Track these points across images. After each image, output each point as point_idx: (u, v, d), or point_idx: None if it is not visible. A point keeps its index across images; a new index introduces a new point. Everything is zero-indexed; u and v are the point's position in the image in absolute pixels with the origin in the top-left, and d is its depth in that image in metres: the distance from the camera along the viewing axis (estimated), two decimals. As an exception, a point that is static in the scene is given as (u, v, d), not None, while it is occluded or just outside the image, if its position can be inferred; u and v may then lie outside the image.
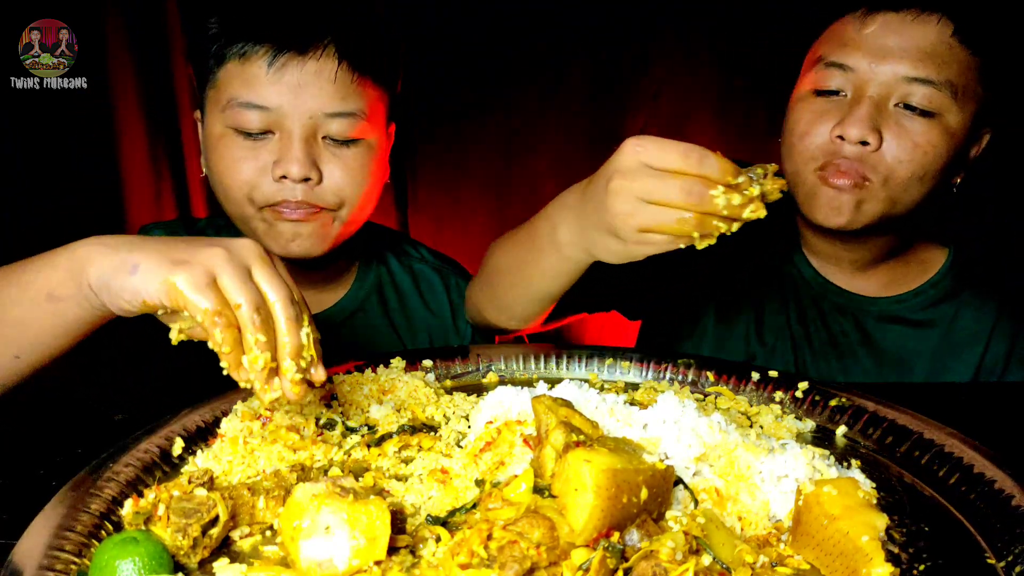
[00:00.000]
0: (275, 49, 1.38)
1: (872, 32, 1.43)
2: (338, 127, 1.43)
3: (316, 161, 1.43)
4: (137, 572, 0.80)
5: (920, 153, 1.42)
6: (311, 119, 1.41)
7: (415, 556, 0.86)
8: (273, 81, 1.39)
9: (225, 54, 1.41)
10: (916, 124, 1.42)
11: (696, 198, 1.00)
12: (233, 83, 1.41)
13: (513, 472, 1.00)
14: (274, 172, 1.42)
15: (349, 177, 1.47)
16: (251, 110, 1.40)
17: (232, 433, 1.10)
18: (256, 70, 1.39)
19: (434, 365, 1.39)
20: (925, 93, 1.40)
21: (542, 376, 1.41)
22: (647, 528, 0.85)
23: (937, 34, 1.40)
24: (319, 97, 1.40)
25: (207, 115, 1.48)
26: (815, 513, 0.90)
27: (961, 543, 0.97)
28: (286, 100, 1.39)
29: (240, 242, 0.97)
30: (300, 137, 1.41)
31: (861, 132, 1.41)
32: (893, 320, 1.66)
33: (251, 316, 0.91)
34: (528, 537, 0.81)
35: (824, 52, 1.49)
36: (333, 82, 1.41)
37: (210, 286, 0.91)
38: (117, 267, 0.95)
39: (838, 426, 1.25)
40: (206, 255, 0.92)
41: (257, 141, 1.42)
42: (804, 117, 1.50)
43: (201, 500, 0.89)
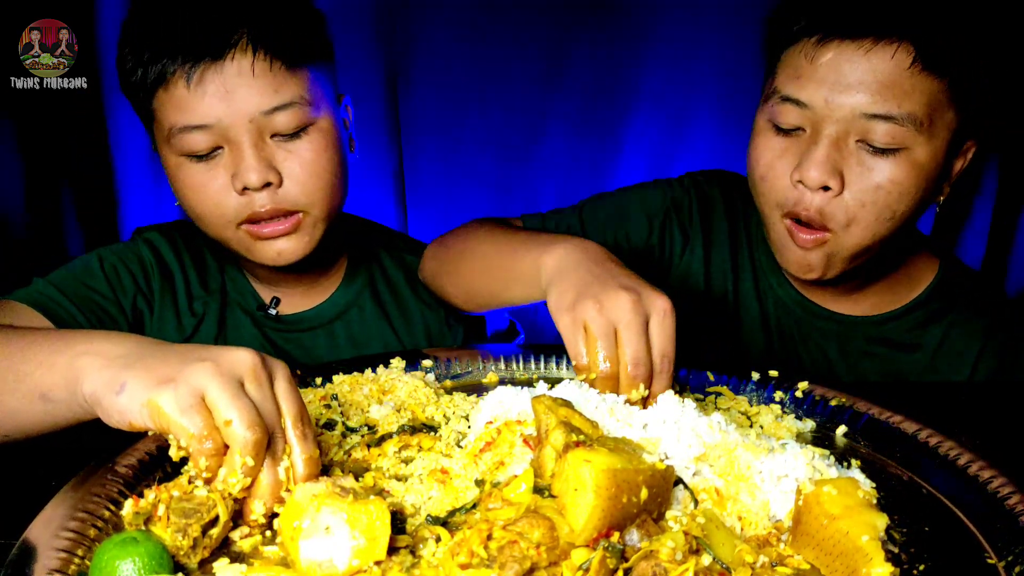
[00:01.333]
0: (188, 62, 1.34)
1: (826, 63, 1.29)
2: (282, 121, 1.39)
3: (271, 162, 1.40)
4: (137, 572, 0.80)
5: (883, 194, 1.31)
6: (251, 122, 1.37)
7: (415, 556, 0.86)
8: (199, 96, 1.34)
9: (148, 84, 1.37)
10: (878, 162, 1.31)
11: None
12: (166, 111, 1.38)
13: (513, 472, 1.00)
14: (235, 185, 1.40)
15: (309, 170, 1.43)
16: (192, 132, 1.36)
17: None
18: (180, 91, 1.35)
19: (434, 365, 1.39)
20: (886, 130, 1.28)
21: (542, 376, 1.41)
22: (647, 528, 0.85)
23: (896, 63, 1.26)
24: (251, 97, 1.36)
25: (160, 150, 1.46)
26: (815, 513, 0.90)
27: (961, 543, 0.97)
28: (219, 110, 1.35)
29: (234, 355, 0.87)
30: (248, 144, 1.37)
31: (820, 177, 1.31)
32: (879, 343, 1.58)
33: (243, 435, 0.83)
34: (528, 537, 0.81)
35: (779, 84, 1.37)
36: (258, 76, 1.36)
37: (196, 406, 0.83)
38: (108, 384, 0.88)
39: (838, 426, 1.25)
40: (194, 371, 0.84)
41: (210, 161, 1.40)
42: (764, 157, 1.41)
43: (201, 500, 0.89)
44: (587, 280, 1.16)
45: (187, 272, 1.65)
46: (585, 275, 1.17)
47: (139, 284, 1.59)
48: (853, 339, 1.58)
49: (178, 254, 1.65)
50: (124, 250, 1.62)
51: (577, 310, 1.12)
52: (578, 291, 1.14)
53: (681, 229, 1.67)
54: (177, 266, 1.64)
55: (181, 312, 1.63)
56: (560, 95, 2.76)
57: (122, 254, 1.61)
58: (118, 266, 1.58)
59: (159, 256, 1.64)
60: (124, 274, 1.58)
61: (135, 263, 1.61)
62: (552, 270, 1.23)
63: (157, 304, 1.61)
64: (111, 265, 1.57)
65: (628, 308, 1.10)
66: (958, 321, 1.56)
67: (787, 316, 1.61)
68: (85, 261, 1.57)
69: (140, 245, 1.64)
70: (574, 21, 2.68)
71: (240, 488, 0.85)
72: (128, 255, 1.61)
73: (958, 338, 1.56)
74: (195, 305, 1.65)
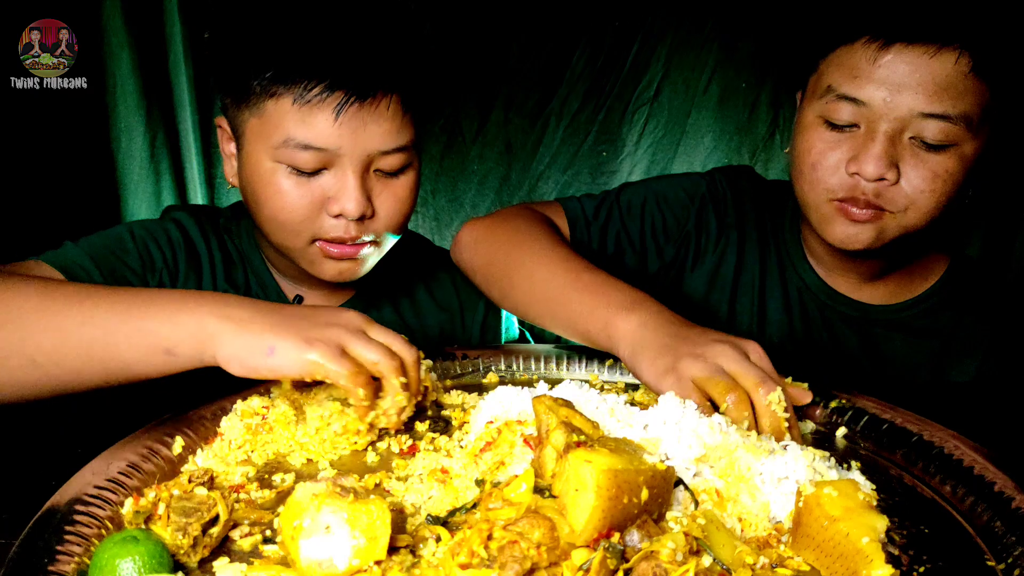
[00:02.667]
0: (343, 97, 1.33)
1: (886, 64, 1.35)
2: (391, 162, 1.41)
3: (370, 196, 1.41)
4: (137, 571, 0.80)
5: (940, 183, 1.39)
6: (368, 156, 1.38)
7: (415, 556, 0.86)
8: (332, 123, 1.34)
9: (279, 91, 1.35)
10: (932, 156, 1.38)
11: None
12: (288, 122, 1.35)
13: (513, 472, 1.00)
14: (330, 209, 1.39)
15: (399, 207, 1.46)
16: (307, 150, 1.35)
17: (231, 432, 1.11)
18: (318, 113, 1.34)
19: (434, 365, 1.39)
20: (941, 128, 1.35)
21: (542, 376, 1.41)
22: (647, 529, 0.85)
23: (955, 68, 1.33)
24: (377, 136, 1.38)
25: (248, 142, 1.42)
26: (815, 514, 0.90)
27: (961, 545, 0.97)
28: (346, 142, 1.36)
29: (348, 316, 1.12)
30: (356, 174, 1.38)
31: (878, 169, 1.37)
32: (897, 328, 1.64)
33: (390, 366, 1.09)
34: (528, 537, 0.81)
35: (833, 82, 1.42)
36: (389, 119, 1.38)
37: (343, 356, 1.06)
38: (252, 349, 1.05)
39: (838, 427, 1.25)
40: (331, 333, 1.07)
41: (311, 178, 1.39)
42: (815, 147, 1.46)
43: (201, 499, 0.89)
44: (676, 343, 1.19)
45: (214, 259, 1.63)
46: (671, 340, 1.20)
47: (168, 263, 1.57)
48: (872, 325, 1.65)
49: (206, 239, 1.63)
50: (154, 227, 1.60)
51: (680, 370, 1.15)
52: (673, 353, 1.17)
53: (718, 218, 1.72)
54: (205, 251, 1.62)
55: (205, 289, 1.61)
56: (560, 95, 2.76)
57: (152, 230, 1.59)
58: (148, 242, 1.56)
59: (187, 237, 1.61)
60: (155, 251, 1.56)
61: (164, 241, 1.58)
62: (633, 341, 1.24)
63: (181, 285, 1.59)
64: (142, 240, 1.55)
65: (730, 353, 1.16)
66: (969, 308, 1.63)
67: (811, 301, 1.68)
68: (118, 233, 1.55)
69: (169, 224, 1.61)
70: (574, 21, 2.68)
71: (401, 404, 1.11)
72: (158, 232, 1.59)
73: (970, 324, 1.63)
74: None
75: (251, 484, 1.02)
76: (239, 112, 1.41)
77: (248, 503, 0.97)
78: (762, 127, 2.73)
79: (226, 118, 1.47)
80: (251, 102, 1.38)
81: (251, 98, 1.38)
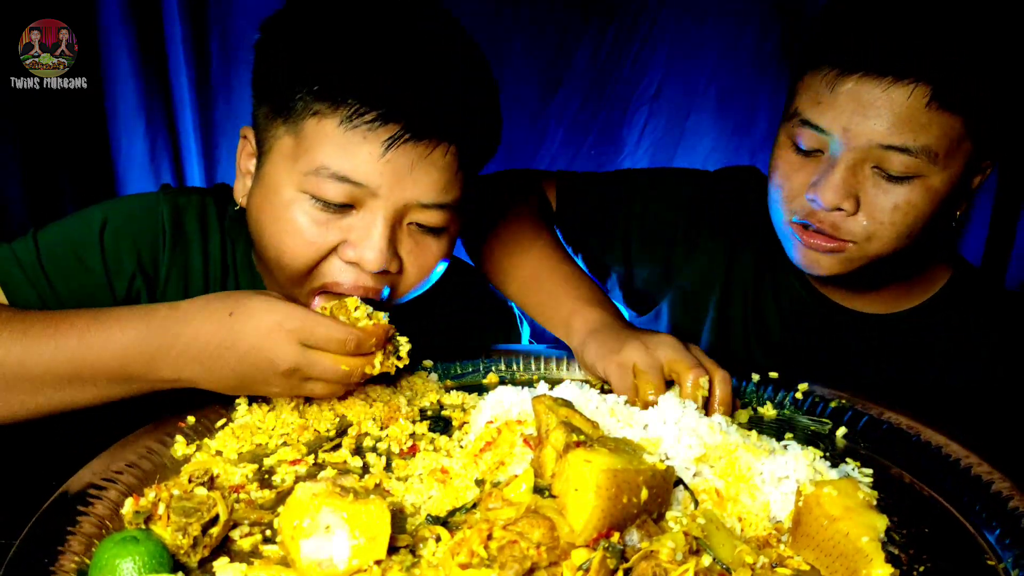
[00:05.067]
0: (397, 131, 1.16)
1: (846, 93, 1.32)
2: (431, 218, 1.24)
3: (397, 250, 1.24)
4: (137, 571, 0.80)
5: (900, 215, 1.35)
6: (405, 205, 1.21)
7: (415, 556, 0.86)
8: (382, 161, 1.16)
9: (324, 111, 1.17)
10: (894, 187, 1.34)
11: None
12: (327, 146, 1.17)
13: (513, 472, 1.00)
14: (344, 253, 1.22)
15: (425, 272, 1.29)
16: (339, 182, 1.17)
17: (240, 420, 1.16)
18: (363, 143, 1.16)
19: (434, 365, 1.39)
20: (902, 160, 1.31)
21: (543, 376, 1.41)
22: (647, 528, 0.85)
23: (914, 100, 1.28)
24: (422, 185, 1.20)
25: (272, 162, 1.24)
26: (815, 514, 0.90)
27: (961, 544, 0.97)
28: (387, 182, 1.17)
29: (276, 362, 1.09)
30: (385, 222, 1.20)
31: (835, 199, 1.34)
32: (894, 339, 1.60)
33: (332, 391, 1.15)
34: (528, 537, 0.81)
35: (800, 105, 1.39)
36: (439, 170, 1.21)
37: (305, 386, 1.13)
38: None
39: (838, 427, 1.25)
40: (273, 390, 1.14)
41: (334, 214, 1.20)
42: (782, 168, 1.44)
43: (201, 499, 0.89)
44: (623, 335, 1.29)
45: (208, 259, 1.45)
46: (620, 332, 1.31)
47: (142, 262, 1.38)
48: (868, 336, 1.62)
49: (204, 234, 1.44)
50: (140, 215, 1.40)
51: (624, 353, 1.24)
52: (621, 341, 1.27)
53: (711, 222, 1.71)
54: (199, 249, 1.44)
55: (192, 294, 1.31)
56: (560, 95, 2.77)
57: (134, 220, 1.39)
58: (121, 237, 1.36)
59: (180, 229, 1.42)
60: (126, 252, 1.36)
61: (145, 235, 1.39)
62: (587, 332, 1.35)
63: (161, 286, 1.41)
64: (114, 233, 1.35)
65: (670, 341, 1.26)
66: (970, 320, 1.59)
67: (804, 311, 1.65)
68: (87, 222, 1.36)
69: (163, 208, 1.41)
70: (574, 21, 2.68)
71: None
72: (141, 223, 1.39)
73: (971, 337, 1.59)
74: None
75: (251, 484, 1.02)
76: (273, 126, 1.23)
77: (248, 503, 0.97)
78: (761, 127, 2.73)
79: (255, 130, 1.29)
80: (290, 117, 1.20)
81: (291, 113, 1.19)
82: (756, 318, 1.68)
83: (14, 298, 1.28)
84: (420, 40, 1.22)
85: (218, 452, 1.09)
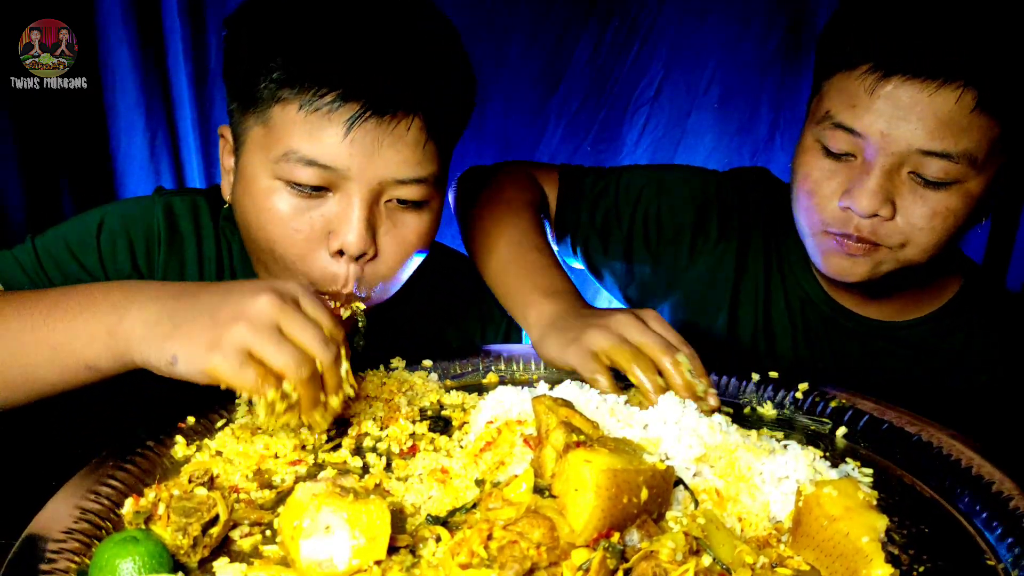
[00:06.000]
0: (357, 110, 1.17)
1: (885, 96, 1.27)
2: (409, 192, 1.25)
3: (375, 231, 1.25)
4: (137, 571, 0.80)
5: (939, 220, 1.32)
6: (380, 184, 1.22)
7: (415, 556, 0.86)
8: (346, 141, 1.18)
9: (287, 96, 1.19)
10: (931, 193, 1.31)
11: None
12: (294, 133, 1.19)
13: (513, 472, 1.00)
14: (331, 244, 1.23)
15: (404, 253, 1.29)
16: (310, 166, 1.19)
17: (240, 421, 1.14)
18: (327, 125, 1.17)
19: (434, 365, 1.39)
20: (941, 166, 1.27)
21: (543, 376, 1.41)
22: (647, 528, 0.85)
23: (959, 104, 1.24)
24: (394, 163, 1.21)
25: (247, 152, 1.27)
26: (815, 514, 0.90)
27: (961, 544, 0.97)
28: (356, 163, 1.19)
29: (258, 305, 0.97)
30: (363, 204, 1.21)
31: (872, 206, 1.31)
32: (903, 346, 1.59)
33: (297, 376, 0.97)
34: (528, 537, 0.81)
35: (831, 108, 1.35)
36: (410, 144, 1.22)
37: (246, 363, 0.95)
38: (158, 356, 0.98)
39: (838, 427, 1.25)
40: (232, 334, 0.95)
41: (311, 199, 1.22)
42: (812, 174, 1.39)
43: (201, 499, 0.89)
44: (580, 321, 1.27)
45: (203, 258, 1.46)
46: (576, 319, 1.28)
47: (137, 264, 1.42)
48: (877, 342, 1.59)
49: (198, 233, 1.46)
50: (135, 217, 1.43)
51: (584, 340, 1.22)
52: (578, 328, 1.24)
53: (720, 223, 1.67)
54: (194, 248, 1.46)
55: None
56: (560, 93, 2.76)
57: (130, 223, 1.42)
58: (118, 238, 1.40)
59: (174, 229, 1.45)
60: (122, 250, 1.40)
61: (140, 237, 1.42)
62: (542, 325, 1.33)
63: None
64: (110, 234, 1.40)
65: (632, 322, 1.22)
66: (980, 328, 1.57)
67: (814, 315, 1.63)
68: (87, 225, 1.41)
69: (157, 210, 1.44)
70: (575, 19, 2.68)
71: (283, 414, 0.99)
72: (136, 225, 1.43)
73: (980, 345, 1.57)
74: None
75: (251, 484, 1.02)
76: (244, 119, 1.26)
77: (248, 503, 0.97)
78: (762, 127, 2.72)
79: (231, 127, 1.33)
80: (258, 108, 1.22)
81: (258, 103, 1.22)
82: (766, 322, 1.66)
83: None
84: (376, 15, 1.23)
85: (218, 452, 1.09)
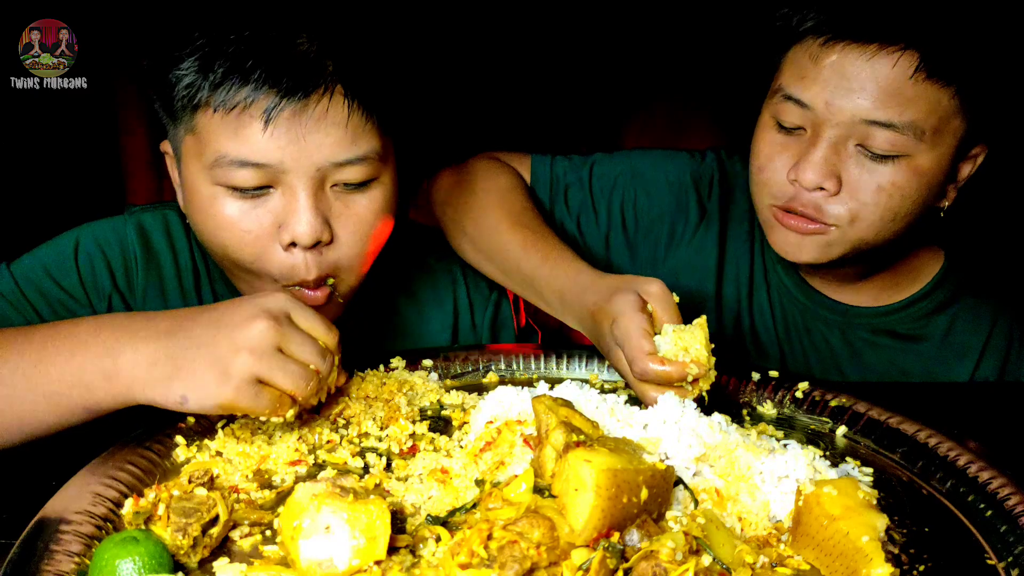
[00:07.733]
0: (270, 97, 1.13)
1: (830, 65, 1.27)
2: (351, 174, 1.21)
3: (327, 217, 1.22)
4: (137, 571, 0.80)
5: (885, 196, 1.30)
6: (319, 171, 1.19)
7: (415, 556, 0.86)
8: (270, 134, 1.14)
9: (203, 102, 1.16)
10: (878, 167, 1.29)
11: None
12: (219, 137, 1.16)
13: (513, 472, 1.00)
14: (281, 237, 1.21)
15: (362, 232, 1.26)
16: (244, 167, 1.16)
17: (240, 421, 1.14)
18: (248, 120, 1.14)
19: (434, 365, 1.39)
20: (886, 137, 1.26)
21: (542, 376, 1.41)
22: (647, 528, 0.85)
23: (900, 70, 1.23)
24: (327, 146, 1.18)
25: (185, 162, 1.24)
26: (815, 513, 0.90)
27: (961, 544, 0.97)
28: (288, 154, 1.16)
29: (255, 332, 0.99)
30: (307, 193, 1.19)
31: (816, 178, 1.30)
32: (883, 334, 1.57)
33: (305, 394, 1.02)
34: (528, 537, 0.81)
35: (784, 81, 1.35)
36: (339, 124, 1.18)
37: (261, 391, 0.99)
38: (166, 397, 0.99)
39: (838, 426, 1.25)
40: (241, 365, 0.97)
41: (255, 199, 1.20)
42: (763, 150, 1.40)
43: (201, 499, 0.89)
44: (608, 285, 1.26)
45: (180, 269, 1.45)
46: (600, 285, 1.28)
47: (118, 284, 1.41)
48: (857, 329, 1.58)
49: (172, 245, 1.45)
50: (109, 237, 1.42)
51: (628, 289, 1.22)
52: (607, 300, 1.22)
53: (699, 204, 1.65)
54: (170, 260, 1.44)
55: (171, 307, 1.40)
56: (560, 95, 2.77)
57: (105, 243, 1.42)
58: (95, 260, 1.40)
59: (148, 246, 1.43)
60: (102, 272, 1.40)
61: (117, 255, 1.41)
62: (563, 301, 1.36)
63: (139, 304, 1.43)
64: (88, 258, 1.39)
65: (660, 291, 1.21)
66: (964, 310, 1.55)
67: (791, 303, 1.61)
68: (63, 248, 1.40)
69: (129, 229, 1.43)
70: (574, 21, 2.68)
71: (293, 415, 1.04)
72: (111, 243, 1.42)
73: (964, 328, 1.55)
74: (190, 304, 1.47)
75: (251, 484, 1.02)
76: (177, 132, 1.24)
77: (248, 503, 0.97)
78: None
79: (171, 141, 1.29)
80: (183, 117, 1.20)
81: (184, 113, 1.19)
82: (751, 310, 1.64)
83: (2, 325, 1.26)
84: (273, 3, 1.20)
85: (218, 452, 1.09)
